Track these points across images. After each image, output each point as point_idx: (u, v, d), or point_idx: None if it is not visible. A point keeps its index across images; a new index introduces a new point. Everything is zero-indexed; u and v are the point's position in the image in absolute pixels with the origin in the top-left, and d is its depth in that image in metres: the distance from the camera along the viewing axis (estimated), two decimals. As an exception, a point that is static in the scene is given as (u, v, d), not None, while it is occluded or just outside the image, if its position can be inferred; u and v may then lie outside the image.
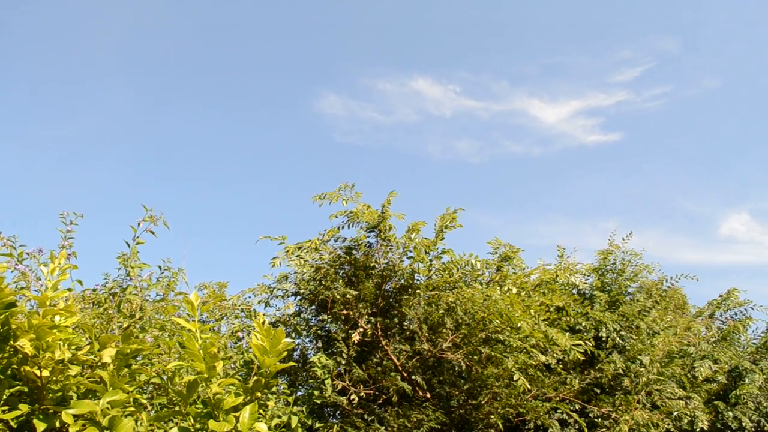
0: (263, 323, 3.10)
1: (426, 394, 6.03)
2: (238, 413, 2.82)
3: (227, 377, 3.19)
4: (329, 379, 5.38)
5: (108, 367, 2.82)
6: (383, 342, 5.96)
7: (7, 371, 2.68)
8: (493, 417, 5.88)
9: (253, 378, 3.15)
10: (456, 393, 6.24)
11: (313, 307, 6.29)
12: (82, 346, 2.96)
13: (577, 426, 6.51)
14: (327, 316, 6.11)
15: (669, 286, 9.15)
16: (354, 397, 5.49)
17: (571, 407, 6.57)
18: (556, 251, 8.68)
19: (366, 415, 5.64)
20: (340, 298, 5.86)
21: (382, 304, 6.21)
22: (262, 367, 3.10)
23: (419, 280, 6.43)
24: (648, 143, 23.81)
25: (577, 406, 6.71)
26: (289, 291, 6.25)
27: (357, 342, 5.70)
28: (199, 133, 22.11)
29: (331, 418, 6.05)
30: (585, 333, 7.21)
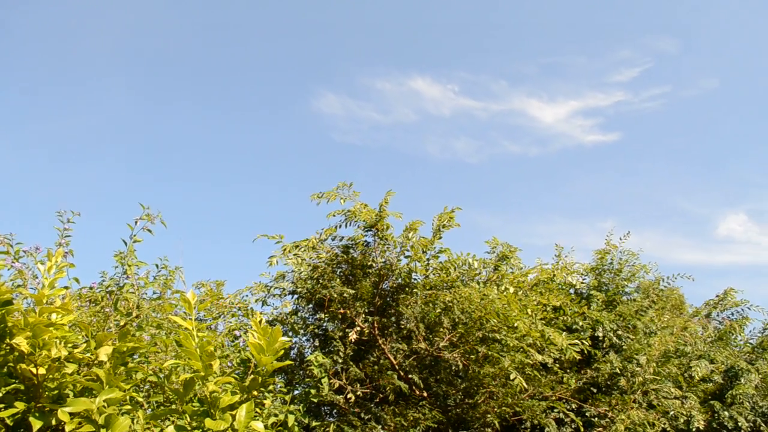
0: (260, 322, 3.10)
1: (423, 393, 6.04)
2: (235, 412, 2.83)
3: (224, 376, 3.20)
4: (326, 378, 5.38)
5: (104, 365, 2.82)
6: (380, 341, 5.96)
7: (3, 369, 2.68)
8: (489, 416, 5.89)
9: (250, 376, 3.16)
10: (453, 392, 6.25)
11: (310, 305, 6.29)
12: (79, 344, 2.96)
13: (573, 425, 6.52)
14: (324, 315, 6.11)
15: (666, 286, 9.18)
16: (351, 395, 5.49)
17: (568, 406, 6.58)
18: (554, 250, 8.72)
19: (363, 413, 5.65)
20: (337, 296, 5.86)
21: (379, 303, 6.21)
22: (258, 366, 3.10)
23: (416, 279, 6.44)
24: (646, 143, 23.87)
25: (573, 406, 6.72)
26: (286, 290, 6.25)
27: (354, 341, 5.71)
28: (197, 133, 22.11)
29: (328, 416, 6.06)
30: (582, 332, 7.23)
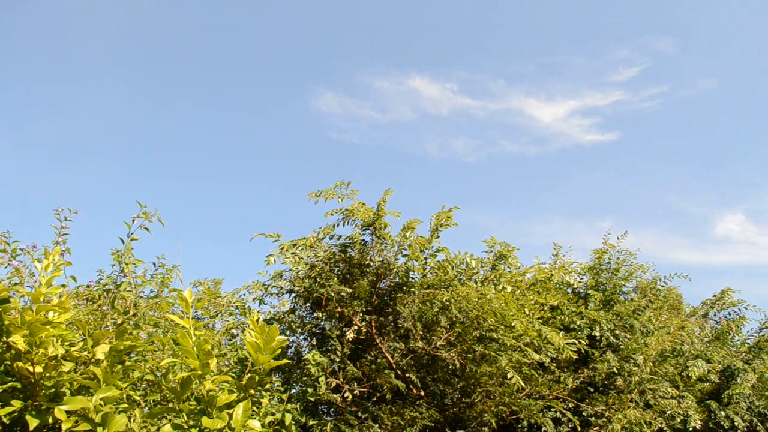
0: (257, 320, 3.10)
1: (420, 392, 6.05)
2: (232, 410, 2.83)
3: (221, 374, 3.20)
4: (323, 377, 5.38)
5: (101, 363, 2.82)
6: (377, 340, 5.97)
7: (0, 367, 2.68)
8: (486, 415, 5.90)
9: (247, 375, 3.16)
10: (450, 391, 6.26)
11: (308, 304, 6.29)
12: (76, 343, 2.96)
13: (570, 424, 6.54)
14: (321, 314, 6.11)
15: (663, 286, 9.20)
16: (348, 394, 5.50)
17: (565, 406, 6.60)
18: (552, 250, 8.73)
19: (360, 412, 5.65)
20: (334, 295, 5.87)
21: (376, 302, 6.21)
22: (256, 365, 3.10)
23: (414, 278, 6.45)
24: (644, 143, 23.88)
25: (570, 405, 6.73)
26: (284, 288, 6.25)
27: (351, 340, 5.71)
28: (195, 131, 22.06)
29: (325, 415, 6.06)
30: (579, 332, 7.24)
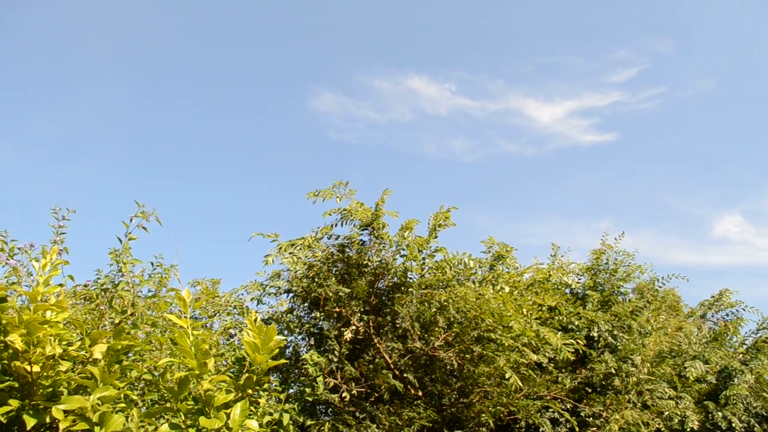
0: (255, 320, 3.10)
1: (418, 392, 6.05)
2: (229, 410, 2.83)
3: (219, 374, 3.20)
4: (321, 377, 5.38)
5: (99, 363, 2.82)
6: (375, 340, 5.97)
7: (-3, 366, 2.68)
8: (484, 415, 5.90)
9: (245, 375, 3.16)
10: (448, 391, 6.26)
11: (306, 304, 6.29)
12: (73, 342, 2.96)
13: (568, 425, 6.54)
14: (319, 314, 6.11)
15: (660, 286, 9.22)
16: (346, 394, 5.50)
17: (563, 406, 6.60)
18: (551, 250, 8.74)
19: (358, 412, 5.65)
20: (332, 295, 5.87)
21: (374, 302, 6.21)
22: (253, 364, 3.10)
23: (412, 278, 6.44)
24: (642, 144, 23.95)
25: (568, 405, 6.74)
26: (282, 288, 6.25)
27: (349, 340, 5.71)
28: (194, 131, 22.07)
29: (323, 415, 6.06)
30: (577, 332, 7.24)
